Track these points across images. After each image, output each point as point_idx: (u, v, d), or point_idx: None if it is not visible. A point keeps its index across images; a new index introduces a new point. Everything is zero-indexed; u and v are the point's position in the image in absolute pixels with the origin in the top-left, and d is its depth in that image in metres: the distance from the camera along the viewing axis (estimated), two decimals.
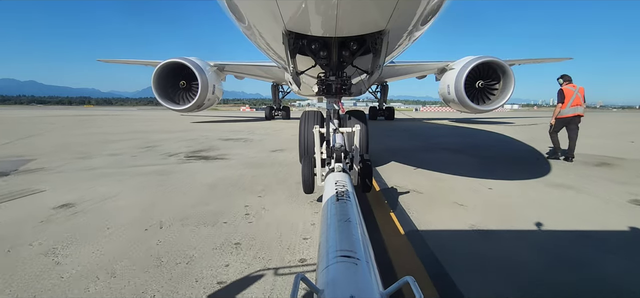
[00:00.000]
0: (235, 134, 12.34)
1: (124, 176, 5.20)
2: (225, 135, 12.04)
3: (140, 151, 7.76)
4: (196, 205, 3.75)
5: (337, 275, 1.22)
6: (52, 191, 4.30)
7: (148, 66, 18.65)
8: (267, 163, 6.38)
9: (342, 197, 2.00)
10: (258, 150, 8.13)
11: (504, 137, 11.62)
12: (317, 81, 3.32)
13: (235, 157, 7.02)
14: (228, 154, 7.38)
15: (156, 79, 14.87)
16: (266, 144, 9.26)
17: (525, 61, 20.00)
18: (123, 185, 4.61)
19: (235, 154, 7.40)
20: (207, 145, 8.96)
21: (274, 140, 10.31)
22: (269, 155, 7.43)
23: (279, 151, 7.97)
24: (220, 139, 10.75)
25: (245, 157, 7.05)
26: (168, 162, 6.39)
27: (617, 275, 2.30)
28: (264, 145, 8.95)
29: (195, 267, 2.36)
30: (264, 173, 5.43)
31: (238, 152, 7.78)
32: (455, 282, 2.18)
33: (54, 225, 3.11)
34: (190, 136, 11.37)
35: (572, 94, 6.64)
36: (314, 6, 2.17)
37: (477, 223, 3.19)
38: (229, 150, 8.06)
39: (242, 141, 10.00)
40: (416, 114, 45.51)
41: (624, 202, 3.96)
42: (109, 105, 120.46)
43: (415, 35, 3.00)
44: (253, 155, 7.39)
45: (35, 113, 32.15)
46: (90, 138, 10.64)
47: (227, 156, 7.15)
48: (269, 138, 11.10)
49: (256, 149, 8.35)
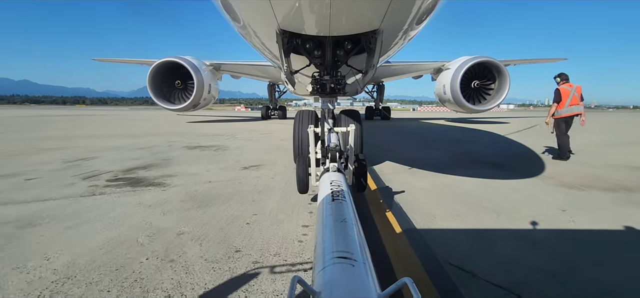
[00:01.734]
0: (212, 139, 10.53)
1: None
2: (198, 140, 10.13)
3: (58, 169, 5.66)
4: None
5: (334, 277, 1.20)
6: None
7: (144, 65, 18.52)
8: (223, 197, 4.01)
9: (337, 197, 1.99)
10: (225, 166, 5.99)
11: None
12: (312, 80, 3.32)
13: (179, 183, 4.69)
14: (175, 175, 5.20)
15: (151, 78, 14.76)
16: (243, 154, 7.33)
17: (521, 61, 20.15)
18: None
19: (186, 175, 5.22)
20: (162, 156, 6.94)
21: (255, 149, 8.29)
22: (236, 176, 5.15)
23: (255, 168, 5.79)
24: (188, 146, 8.73)
25: (196, 182, 4.75)
26: (62, 195, 4.07)
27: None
28: (239, 157, 6.99)
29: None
30: (204, 233, 2.93)
31: (194, 170, 5.59)
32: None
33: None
34: (153, 142, 9.47)
35: (569, 93, 6.64)
36: (308, 5, 2.16)
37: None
38: (183, 166, 5.91)
39: (213, 150, 8.05)
40: (414, 113, 45.71)
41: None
42: (103, 105, 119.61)
43: (410, 34, 3.00)
44: (211, 177, 5.05)
45: (11, 113, 31.00)
46: (21, 145, 8.55)
47: (168, 180, 4.86)
48: (249, 145, 9.05)
49: (224, 163, 6.28)
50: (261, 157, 6.96)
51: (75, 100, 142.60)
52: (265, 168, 5.84)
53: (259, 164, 6.17)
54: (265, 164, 6.16)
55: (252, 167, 5.90)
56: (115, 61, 24.81)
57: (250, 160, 6.55)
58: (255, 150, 8.07)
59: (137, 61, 20.52)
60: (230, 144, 9.13)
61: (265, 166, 6.00)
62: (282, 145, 9.08)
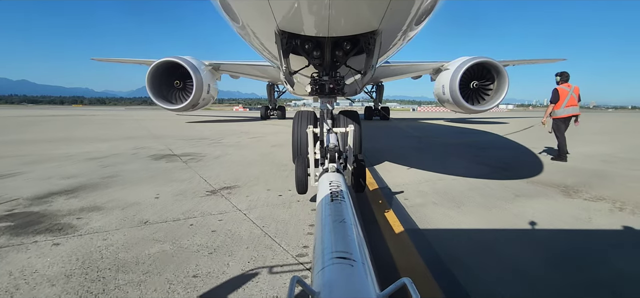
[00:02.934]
0: (192, 144, 9.16)
1: None
2: (176, 145, 8.93)
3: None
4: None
5: (333, 277, 1.21)
6: None
7: (142, 65, 18.50)
8: (144, 267, 2.35)
9: (336, 197, 1.99)
10: (186, 188, 4.51)
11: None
12: (310, 81, 3.32)
13: (96, 225, 3.14)
14: (100, 208, 3.64)
15: (150, 78, 14.73)
16: (218, 168, 5.87)
17: (520, 62, 20.20)
18: None
19: (117, 208, 3.65)
20: (108, 172, 5.47)
21: (238, 159, 6.81)
22: (192, 210, 3.59)
23: (226, 191, 4.33)
24: (156, 155, 7.22)
25: (123, 223, 3.20)
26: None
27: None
28: (212, 171, 5.56)
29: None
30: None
31: (135, 197, 4.06)
32: None
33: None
34: (118, 148, 8.16)
35: (567, 94, 6.59)
36: (307, 6, 2.17)
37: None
38: (125, 190, 4.37)
39: (183, 161, 6.53)
40: (414, 114, 45.57)
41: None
42: (101, 104, 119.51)
43: (409, 35, 3.01)
44: (153, 212, 3.50)
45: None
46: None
47: (83, 219, 3.29)
48: (233, 153, 7.60)
49: (188, 182, 4.82)
50: (240, 173, 5.44)
51: (73, 100, 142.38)
52: (240, 193, 4.29)
53: (234, 185, 4.66)
54: (243, 185, 4.66)
55: (223, 190, 4.37)
56: (114, 61, 24.75)
57: (224, 178, 5.06)
58: (237, 161, 6.60)
59: (136, 61, 20.49)
60: (209, 152, 7.70)
61: (241, 189, 4.47)
62: (272, 154, 7.54)
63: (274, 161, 6.63)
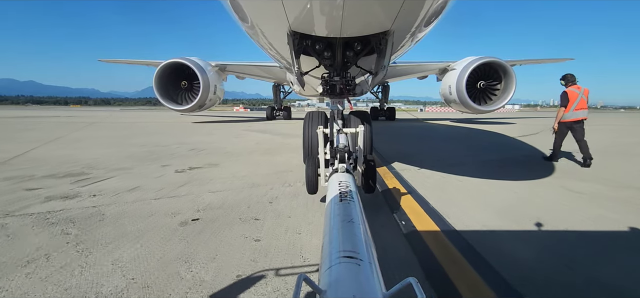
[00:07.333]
0: (177, 153, 7.11)
1: None
2: (159, 152, 7.26)
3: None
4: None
5: (340, 276, 1.22)
6: None
7: (149, 66, 18.67)
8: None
9: (345, 197, 2.00)
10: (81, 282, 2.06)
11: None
12: (321, 81, 3.33)
13: None
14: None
15: (158, 79, 14.93)
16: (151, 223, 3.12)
17: (527, 62, 19.97)
18: None
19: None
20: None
21: (193, 198, 3.96)
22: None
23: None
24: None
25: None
26: None
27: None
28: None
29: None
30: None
31: None
32: None
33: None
34: (67, 168, 5.59)
35: (577, 96, 6.15)
36: (320, 7, 2.17)
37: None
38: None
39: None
40: (421, 114, 44.57)
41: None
42: (106, 105, 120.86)
43: (419, 36, 3.02)
44: None
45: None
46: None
47: None
48: (203, 176, 5.05)
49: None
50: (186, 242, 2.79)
51: (78, 101, 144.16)
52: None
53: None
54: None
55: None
56: (121, 62, 24.98)
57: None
58: (191, 201, 3.82)
59: (143, 62, 20.68)
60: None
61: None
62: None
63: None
